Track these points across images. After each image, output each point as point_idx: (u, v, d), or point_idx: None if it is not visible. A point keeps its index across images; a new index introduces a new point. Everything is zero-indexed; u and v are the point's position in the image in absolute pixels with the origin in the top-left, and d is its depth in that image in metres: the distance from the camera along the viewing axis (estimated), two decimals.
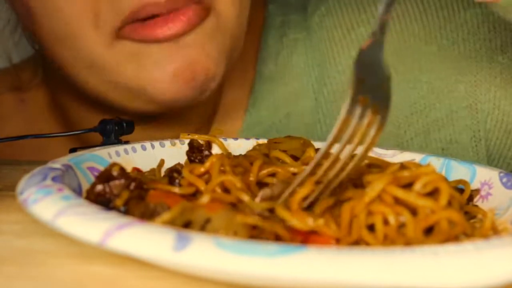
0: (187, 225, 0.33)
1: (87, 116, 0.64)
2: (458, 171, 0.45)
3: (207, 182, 0.40)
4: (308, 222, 0.34)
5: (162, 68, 0.53)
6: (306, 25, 0.67)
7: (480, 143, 0.63)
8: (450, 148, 0.63)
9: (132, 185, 0.38)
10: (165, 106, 0.56)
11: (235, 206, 0.37)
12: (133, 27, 0.52)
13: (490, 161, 0.64)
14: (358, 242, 0.34)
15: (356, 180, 0.40)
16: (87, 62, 0.54)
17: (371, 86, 0.35)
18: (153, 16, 0.52)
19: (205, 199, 0.36)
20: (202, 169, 0.40)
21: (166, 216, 0.34)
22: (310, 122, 0.66)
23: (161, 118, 0.63)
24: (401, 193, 0.35)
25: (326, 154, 0.36)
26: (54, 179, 0.36)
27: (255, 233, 0.33)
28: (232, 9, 0.55)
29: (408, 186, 0.37)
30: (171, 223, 0.33)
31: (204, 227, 0.33)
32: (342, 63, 0.65)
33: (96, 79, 0.55)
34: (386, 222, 0.35)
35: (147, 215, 0.35)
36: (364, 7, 0.65)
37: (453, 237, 0.34)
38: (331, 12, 0.66)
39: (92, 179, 0.40)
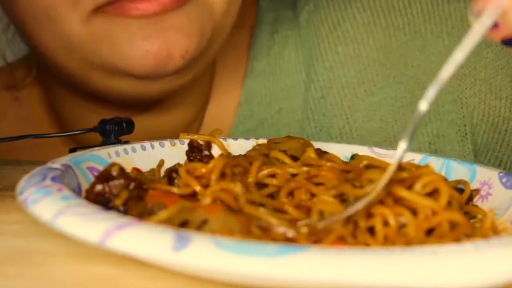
0: (184, 224, 0.33)
1: (81, 114, 0.64)
2: (457, 171, 0.45)
3: (206, 184, 0.40)
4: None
5: (134, 43, 0.52)
6: (297, 21, 0.67)
7: (466, 137, 0.63)
8: (437, 142, 0.64)
9: (132, 185, 0.38)
10: (142, 80, 0.55)
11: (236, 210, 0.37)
12: (113, 5, 0.52)
13: (478, 155, 0.64)
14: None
15: (354, 181, 0.40)
16: (65, 44, 0.54)
17: None
18: None
19: (206, 201, 0.36)
20: (204, 170, 0.40)
21: (163, 214, 0.34)
22: (301, 118, 0.66)
23: (151, 108, 0.63)
24: (405, 193, 0.35)
25: None
26: (53, 179, 0.36)
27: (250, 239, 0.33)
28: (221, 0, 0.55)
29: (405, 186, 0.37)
30: (168, 221, 0.34)
31: (200, 227, 0.33)
32: (329, 59, 0.65)
33: (75, 62, 0.55)
34: (386, 223, 0.35)
35: (145, 215, 0.35)
36: (350, 2, 0.65)
37: (454, 238, 0.34)
38: (318, 8, 0.66)
39: (92, 179, 0.40)
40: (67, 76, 0.58)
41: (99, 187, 0.38)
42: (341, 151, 0.48)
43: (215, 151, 0.48)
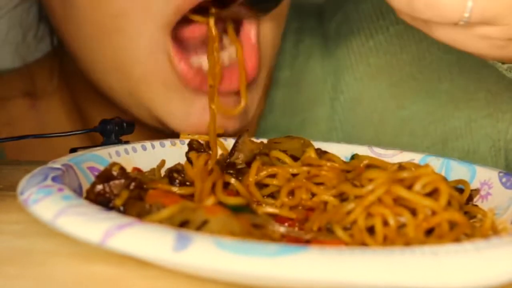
0: (184, 224, 0.33)
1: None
2: (457, 171, 0.45)
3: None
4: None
5: (191, 111, 0.51)
6: (322, 31, 0.67)
7: (499, 152, 0.62)
8: (468, 157, 0.63)
9: (132, 185, 0.38)
10: None
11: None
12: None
13: (509, 170, 0.64)
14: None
15: (354, 180, 0.40)
16: (117, 63, 0.52)
17: None
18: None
19: (209, 201, 0.36)
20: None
21: (165, 212, 0.34)
22: (325, 129, 0.66)
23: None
24: (405, 193, 0.35)
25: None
26: (54, 179, 0.36)
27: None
28: (271, 46, 0.55)
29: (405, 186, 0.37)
30: (169, 220, 0.34)
31: (200, 228, 0.33)
32: (360, 70, 0.64)
33: (124, 93, 0.54)
34: (385, 223, 0.35)
35: (143, 215, 0.35)
36: (383, 14, 0.65)
37: (454, 238, 0.34)
38: (348, 19, 0.66)
39: (93, 179, 0.40)
40: (105, 95, 0.57)
41: (99, 187, 0.38)
42: (341, 151, 0.48)
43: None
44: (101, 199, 0.37)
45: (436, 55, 0.64)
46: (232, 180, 0.41)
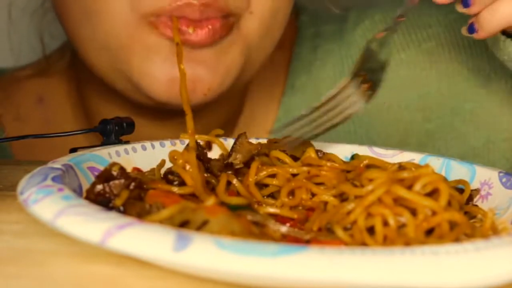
0: (184, 224, 0.33)
1: (114, 112, 0.63)
2: (458, 171, 0.45)
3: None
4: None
5: (163, 70, 0.53)
6: (343, 35, 0.68)
7: None
8: None
9: (132, 185, 0.38)
10: (161, 104, 0.55)
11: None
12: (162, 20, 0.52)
13: None
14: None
15: (354, 180, 0.40)
16: (103, 42, 0.54)
17: (371, 67, 0.46)
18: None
19: (210, 201, 0.36)
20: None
21: (165, 212, 0.34)
22: (342, 131, 0.66)
23: (174, 120, 0.62)
24: (405, 193, 0.35)
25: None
26: (54, 179, 0.36)
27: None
28: (257, 30, 0.55)
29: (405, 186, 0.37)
30: (170, 220, 0.34)
31: (201, 228, 0.33)
32: (390, 79, 0.65)
33: (106, 64, 0.56)
34: (385, 223, 0.35)
35: (143, 215, 0.35)
36: (414, 30, 0.66)
37: (454, 238, 0.34)
38: (377, 28, 0.66)
39: (93, 179, 0.40)
40: (95, 74, 0.59)
41: (99, 187, 0.38)
42: (341, 151, 0.48)
43: (216, 151, 0.48)
44: (101, 199, 0.37)
45: (465, 75, 0.66)
46: (234, 181, 0.41)
